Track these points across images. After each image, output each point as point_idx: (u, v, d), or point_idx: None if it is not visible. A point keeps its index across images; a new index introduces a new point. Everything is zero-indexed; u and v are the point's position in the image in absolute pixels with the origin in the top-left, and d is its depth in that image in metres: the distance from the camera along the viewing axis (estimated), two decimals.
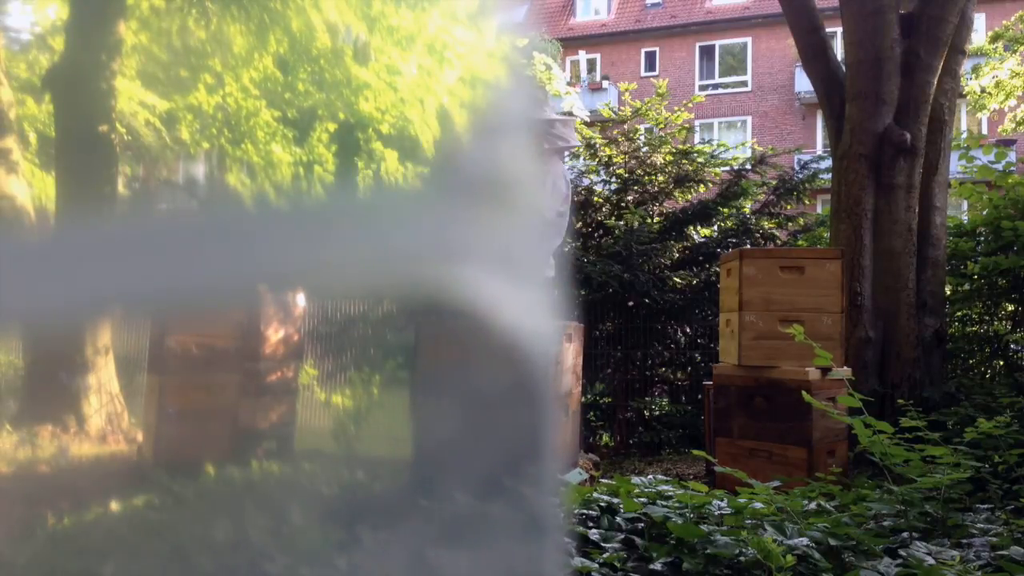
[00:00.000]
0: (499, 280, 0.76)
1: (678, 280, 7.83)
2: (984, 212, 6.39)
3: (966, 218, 7.12)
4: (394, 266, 0.76)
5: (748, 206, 8.60)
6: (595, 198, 8.61)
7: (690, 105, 9.86)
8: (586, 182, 8.73)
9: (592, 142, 8.75)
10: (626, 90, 10.23)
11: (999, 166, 6.22)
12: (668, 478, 2.85)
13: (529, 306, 0.79)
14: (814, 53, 5.97)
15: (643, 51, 25.74)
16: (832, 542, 2.12)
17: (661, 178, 8.61)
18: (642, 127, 9.12)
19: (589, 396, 7.84)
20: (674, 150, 8.69)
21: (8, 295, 0.62)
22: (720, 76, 25.06)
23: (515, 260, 0.79)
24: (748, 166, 8.71)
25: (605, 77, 24.94)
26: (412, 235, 0.75)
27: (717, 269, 7.21)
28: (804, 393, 3.00)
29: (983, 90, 11.65)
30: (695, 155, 8.64)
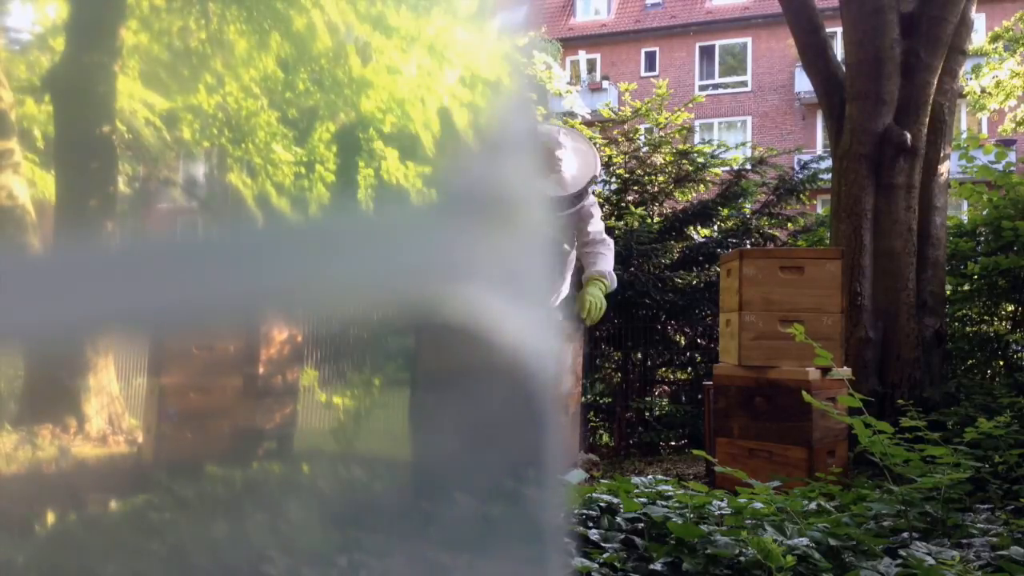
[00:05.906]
0: (502, 299, 0.76)
1: (678, 280, 7.83)
2: (984, 212, 6.40)
3: (966, 218, 7.12)
4: (397, 283, 0.75)
5: (748, 206, 8.60)
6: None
7: (690, 105, 9.87)
8: None
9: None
10: (626, 90, 10.23)
11: (999, 166, 6.23)
12: (668, 478, 2.85)
13: (533, 326, 0.79)
14: (814, 53, 5.97)
15: (643, 51, 25.76)
16: (832, 542, 2.12)
17: (661, 178, 8.61)
18: (642, 127, 9.13)
19: (589, 396, 7.84)
20: (674, 150, 8.69)
21: (10, 304, 0.62)
22: (720, 76, 25.08)
23: (518, 279, 0.79)
24: (748, 166, 8.71)
25: (605, 77, 24.95)
26: (415, 252, 0.74)
27: (717, 269, 7.21)
28: (804, 393, 3.00)
29: (983, 90, 11.64)
30: (695, 155, 8.64)
